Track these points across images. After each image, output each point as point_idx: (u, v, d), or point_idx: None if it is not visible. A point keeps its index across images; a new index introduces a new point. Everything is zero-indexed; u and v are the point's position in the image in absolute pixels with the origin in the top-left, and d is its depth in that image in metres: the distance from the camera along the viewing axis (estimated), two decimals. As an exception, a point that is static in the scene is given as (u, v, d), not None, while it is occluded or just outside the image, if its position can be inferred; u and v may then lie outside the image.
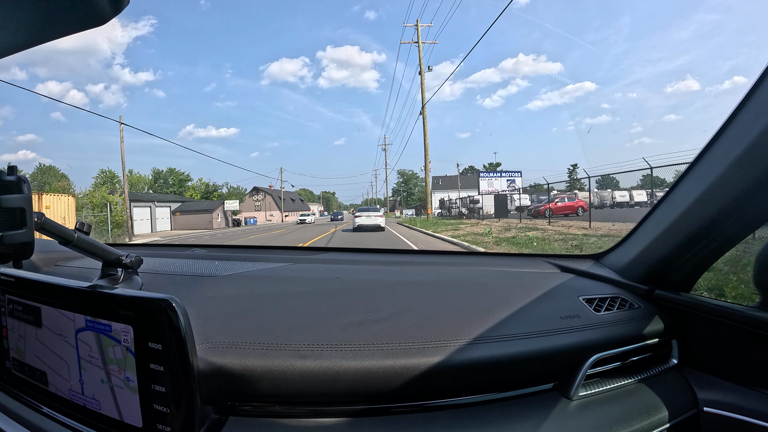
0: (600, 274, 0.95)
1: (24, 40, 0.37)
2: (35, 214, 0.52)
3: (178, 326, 0.50)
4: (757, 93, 0.59)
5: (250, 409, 0.60)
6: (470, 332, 0.66)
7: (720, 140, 0.65)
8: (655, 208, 0.81)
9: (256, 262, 1.11)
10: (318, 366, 0.58)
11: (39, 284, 0.62)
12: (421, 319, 0.70)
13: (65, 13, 0.33)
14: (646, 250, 0.84)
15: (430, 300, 0.81)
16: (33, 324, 0.61)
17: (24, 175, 0.49)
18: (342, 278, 0.96)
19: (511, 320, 0.71)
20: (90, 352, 0.56)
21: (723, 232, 0.70)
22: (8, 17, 0.33)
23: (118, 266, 0.72)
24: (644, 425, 0.64)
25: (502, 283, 0.93)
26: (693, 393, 0.73)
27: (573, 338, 0.69)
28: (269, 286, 0.90)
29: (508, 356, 0.63)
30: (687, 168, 0.72)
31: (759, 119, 0.58)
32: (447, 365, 0.61)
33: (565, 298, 0.82)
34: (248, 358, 0.58)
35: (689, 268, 0.79)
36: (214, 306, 0.75)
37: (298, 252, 1.54)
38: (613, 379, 0.72)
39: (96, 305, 0.55)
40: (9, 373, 0.66)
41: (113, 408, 0.54)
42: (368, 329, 0.66)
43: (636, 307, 0.81)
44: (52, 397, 0.60)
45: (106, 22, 0.34)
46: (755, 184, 0.61)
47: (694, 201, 0.69)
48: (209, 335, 0.62)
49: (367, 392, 0.59)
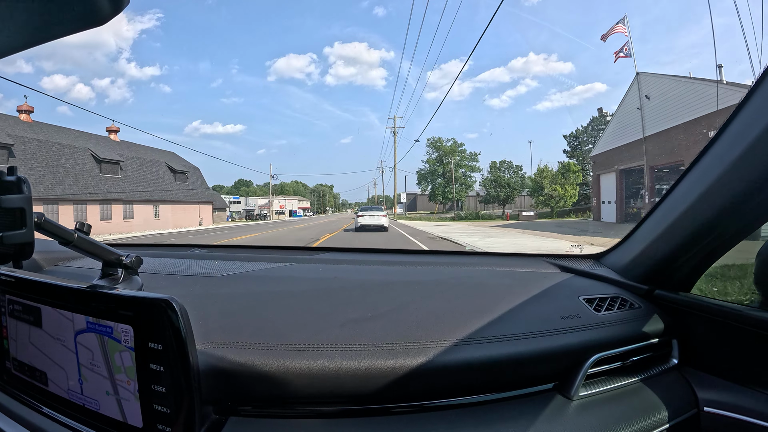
0: (600, 274, 0.95)
1: (24, 40, 0.37)
2: (35, 214, 0.52)
3: (179, 326, 0.50)
4: (757, 93, 0.59)
5: (250, 410, 0.60)
6: (470, 332, 0.66)
7: (720, 140, 0.65)
8: (656, 207, 0.81)
9: (255, 262, 1.11)
10: (318, 366, 0.58)
11: (39, 284, 0.62)
12: (421, 318, 0.70)
13: (65, 13, 0.33)
14: (646, 249, 0.84)
15: (430, 300, 0.81)
16: (33, 324, 0.61)
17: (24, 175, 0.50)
18: (341, 278, 0.96)
19: (511, 320, 0.71)
20: (90, 354, 0.56)
21: (723, 231, 0.70)
22: (8, 17, 0.33)
23: (118, 266, 0.72)
24: (644, 425, 0.64)
25: (502, 282, 0.93)
26: (693, 393, 0.73)
27: (573, 338, 0.69)
28: (269, 286, 0.90)
29: (508, 356, 0.63)
30: (687, 168, 0.72)
31: (759, 119, 0.58)
32: (447, 365, 0.60)
33: (566, 297, 0.82)
34: (248, 358, 0.58)
35: (689, 268, 0.79)
36: (214, 306, 0.75)
37: (298, 252, 1.54)
38: (614, 379, 0.72)
39: (96, 305, 0.55)
40: (9, 374, 0.66)
41: (113, 408, 0.54)
42: (368, 328, 0.66)
43: (636, 307, 0.81)
44: (52, 398, 0.60)
45: (106, 22, 0.34)
46: (755, 184, 0.61)
47: (695, 201, 0.69)
48: (209, 335, 0.62)
49: (368, 392, 0.59)
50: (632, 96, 16.41)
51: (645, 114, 15.23)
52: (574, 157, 38.33)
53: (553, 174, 28.72)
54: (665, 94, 14.13)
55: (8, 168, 0.49)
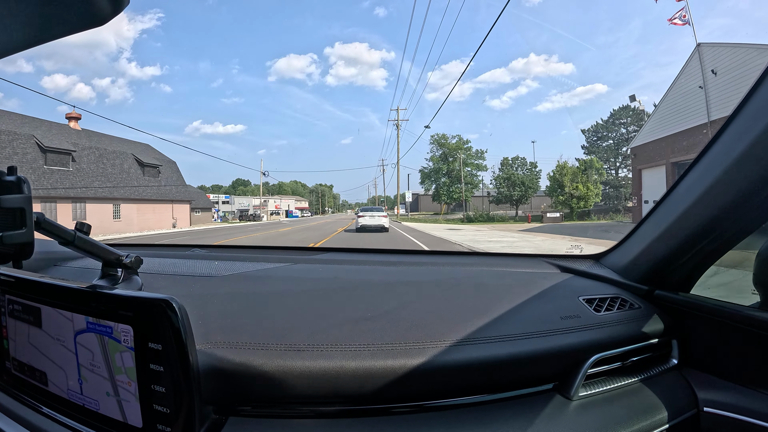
0: (600, 275, 0.95)
1: (24, 40, 0.37)
2: (35, 214, 0.52)
3: (178, 326, 0.50)
4: (757, 93, 0.59)
5: (250, 410, 0.60)
6: (470, 332, 0.66)
7: (720, 140, 0.65)
8: (655, 208, 0.81)
9: (255, 263, 1.11)
10: (318, 366, 0.58)
11: (39, 284, 0.62)
12: (421, 318, 0.70)
13: (65, 13, 0.33)
14: (646, 250, 0.84)
15: (430, 300, 0.81)
16: (33, 324, 0.61)
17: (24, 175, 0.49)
18: (341, 278, 0.96)
19: (511, 320, 0.71)
20: (91, 354, 0.56)
21: (723, 232, 0.70)
22: (8, 17, 0.33)
23: (118, 266, 0.72)
24: (644, 425, 0.64)
25: (502, 283, 0.93)
26: (693, 393, 0.72)
27: (573, 338, 0.69)
28: (269, 286, 0.90)
29: (508, 356, 0.63)
30: (687, 168, 0.72)
31: (759, 119, 0.58)
32: (447, 365, 0.61)
33: (565, 298, 0.82)
34: (248, 358, 0.58)
35: (689, 268, 0.79)
36: (214, 306, 0.75)
37: (298, 252, 1.54)
38: (614, 379, 0.72)
39: (96, 305, 0.55)
40: (9, 374, 0.66)
41: (113, 408, 0.54)
42: (368, 328, 0.66)
43: (636, 307, 0.81)
44: (52, 398, 0.60)
45: (106, 22, 0.34)
46: (755, 184, 0.61)
47: (694, 201, 0.69)
48: (209, 335, 0.62)
49: (367, 392, 0.59)
50: (691, 73, 13.44)
51: (709, 93, 12.24)
52: (593, 153, 36.41)
53: (573, 171, 25.24)
54: (738, 68, 11.16)
55: (8, 168, 0.49)
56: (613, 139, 38.53)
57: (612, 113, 38.58)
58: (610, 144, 38.64)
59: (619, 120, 37.98)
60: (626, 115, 37.33)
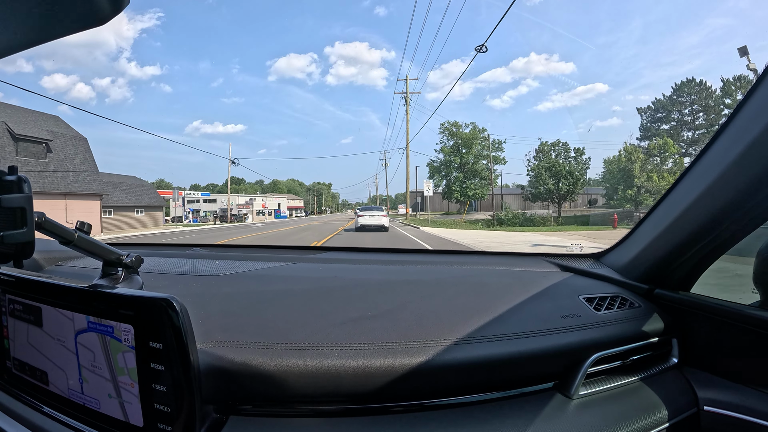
0: (600, 273, 0.95)
1: (24, 40, 0.37)
2: (36, 213, 0.52)
3: (179, 325, 0.50)
4: (756, 93, 0.59)
5: (250, 408, 0.60)
6: (470, 331, 0.66)
7: (720, 140, 0.65)
8: (656, 207, 0.81)
9: (255, 262, 1.11)
10: (318, 365, 0.58)
11: (39, 284, 0.62)
12: (421, 317, 0.70)
13: (65, 13, 0.33)
14: (646, 249, 0.84)
15: (430, 299, 0.81)
16: (34, 324, 0.61)
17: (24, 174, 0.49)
18: (342, 277, 0.96)
19: (511, 319, 0.71)
20: (92, 354, 0.56)
21: (723, 231, 0.70)
22: (8, 17, 0.33)
23: (119, 266, 0.72)
24: (644, 424, 0.64)
25: (502, 282, 0.93)
26: (693, 392, 0.73)
27: (573, 337, 0.69)
28: (269, 285, 0.90)
29: (508, 355, 0.63)
30: (687, 167, 0.73)
31: (759, 119, 0.58)
32: (447, 364, 0.61)
33: (566, 297, 0.83)
34: (249, 357, 0.58)
35: (689, 268, 0.79)
36: (215, 305, 0.75)
37: (298, 251, 1.55)
38: (614, 378, 0.72)
39: (97, 305, 0.55)
40: (9, 373, 0.66)
41: (114, 407, 0.54)
42: (368, 327, 0.66)
43: (636, 306, 0.82)
44: (52, 397, 0.61)
45: (106, 22, 0.34)
46: (755, 183, 0.61)
47: (694, 200, 0.69)
48: (210, 334, 0.62)
49: (368, 391, 0.59)
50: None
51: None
52: (648, 138, 28.03)
53: (643, 158, 19.36)
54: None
55: (9, 168, 0.49)
56: (676, 120, 29.71)
57: (674, 87, 29.10)
58: (674, 125, 29.48)
59: (680, 97, 28.85)
60: (691, 91, 28.47)
